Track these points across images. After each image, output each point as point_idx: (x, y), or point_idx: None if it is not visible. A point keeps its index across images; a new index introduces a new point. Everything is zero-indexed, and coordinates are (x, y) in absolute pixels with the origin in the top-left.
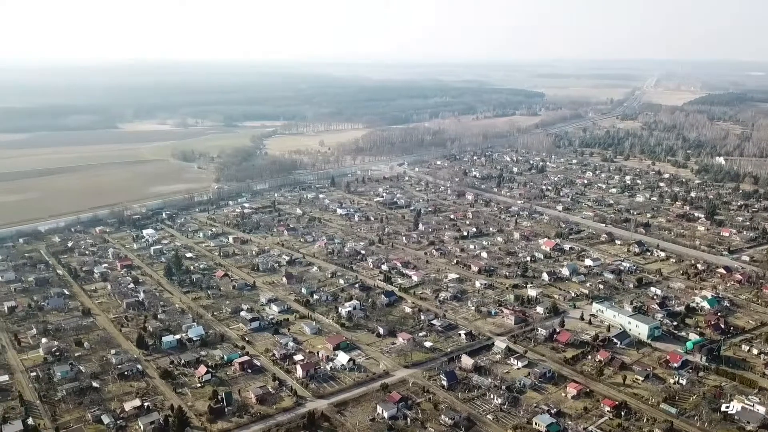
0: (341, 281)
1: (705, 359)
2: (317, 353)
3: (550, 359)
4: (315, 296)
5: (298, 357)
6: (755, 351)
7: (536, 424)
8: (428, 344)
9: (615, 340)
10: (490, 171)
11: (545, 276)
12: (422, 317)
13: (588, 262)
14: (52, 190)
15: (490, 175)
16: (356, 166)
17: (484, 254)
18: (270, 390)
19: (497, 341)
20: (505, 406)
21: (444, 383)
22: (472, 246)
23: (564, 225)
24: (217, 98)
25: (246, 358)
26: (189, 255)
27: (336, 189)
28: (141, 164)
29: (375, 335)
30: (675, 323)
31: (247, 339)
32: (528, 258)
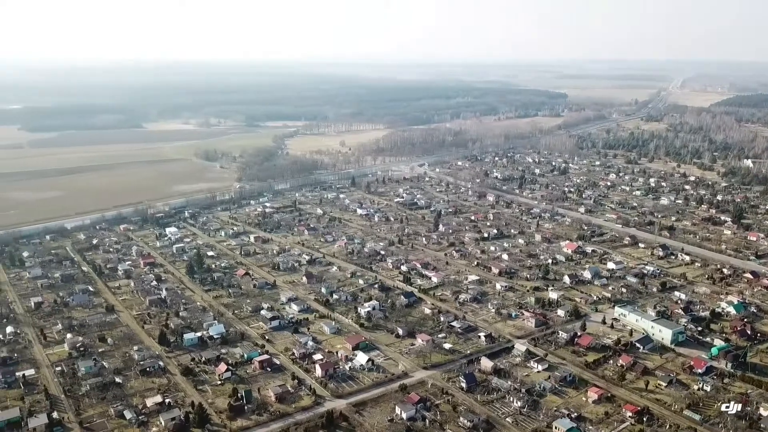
0: (361, 281)
1: (730, 366)
2: (336, 353)
3: (571, 363)
4: (334, 296)
5: (318, 356)
6: None
7: (556, 429)
8: (447, 346)
9: (637, 345)
10: (512, 172)
11: (567, 279)
12: (442, 319)
13: (610, 266)
14: (79, 188)
15: (512, 177)
16: (377, 167)
17: (505, 256)
18: (289, 389)
19: (517, 344)
20: (525, 410)
21: (463, 385)
22: (493, 248)
23: (586, 227)
24: (240, 98)
25: (266, 357)
26: (211, 253)
27: (356, 189)
28: (164, 163)
29: (394, 336)
30: (699, 328)
31: (267, 338)
32: (549, 260)
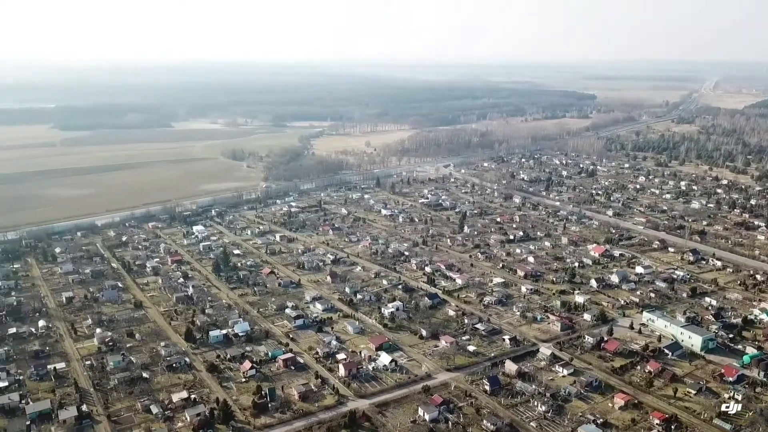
0: (384, 282)
1: (763, 374)
2: (360, 353)
3: (597, 368)
4: (358, 296)
5: (341, 356)
6: None
7: None
8: (471, 348)
9: (666, 351)
10: (539, 174)
11: (593, 282)
12: (466, 321)
13: (639, 270)
14: (109, 186)
15: (539, 178)
16: (401, 167)
17: (531, 259)
18: (312, 388)
19: (542, 347)
20: (549, 414)
21: (487, 388)
22: (519, 250)
23: (614, 230)
24: (267, 98)
25: (290, 355)
26: (237, 252)
27: (381, 190)
28: (192, 162)
29: (417, 337)
30: (731, 336)
31: (291, 336)
32: (576, 264)
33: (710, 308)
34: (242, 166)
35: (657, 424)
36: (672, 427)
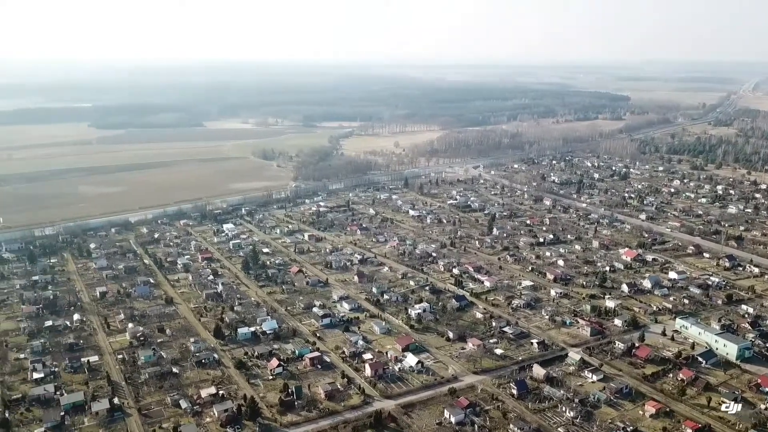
0: (411, 283)
1: None
2: (386, 353)
3: (628, 375)
4: (385, 296)
5: (367, 356)
6: None
7: None
8: (499, 351)
9: (700, 359)
10: (570, 176)
11: (625, 287)
12: (493, 323)
13: (672, 275)
14: (142, 184)
15: (570, 181)
16: (430, 168)
17: (561, 262)
18: (339, 387)
19: (571, 352)
20: (578, 420)
21: (514, 392)
22: (548, 253)
23: (647, 235)
24: (297, 98)
25: (316, 354)
26: (266, 250)
27: (409, 190)
28: (223, 161)
29: (444, 339)
30: None
31: (318, 335)
32: (607, 268)
33: (747, 316)
34: (272, 166)
35: None
36: None
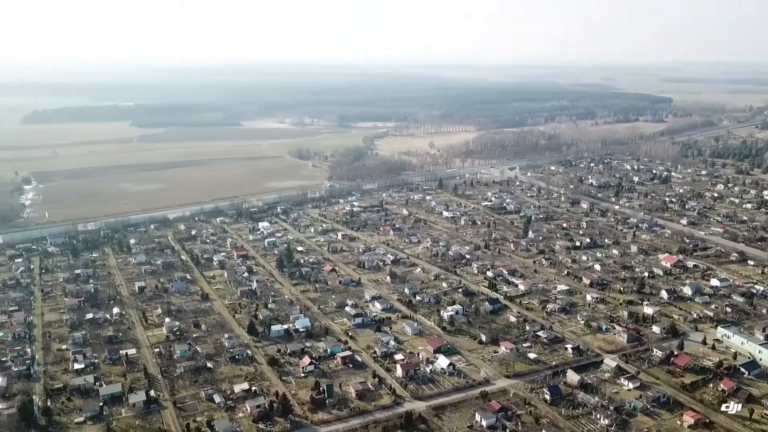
0: (444, 284)
1: None
2: (417, 354)
3: (665, 383)
4: (417, 297)
5: (399, 356)
6: None
7: None
8: (532, 356)
9: (742, 370)
10: (608, 179)
11: (664, 294)
12: (527, 327)
13: (714, 282)
14: (181, 182)
15: (608, 184)
16: (465, 169)
17: (598, 266)
18: (370, 386)
19: (607, 359)
20: (613, 428)
21: (547, 397)
22: (585, 257)
23: (688, 240)
24: (333, 99)
25: (348, 353)
26: (300, 249)
27: (443, 191)
28: (260, 160)
29: (477, 342)
30: None
31: (350, 334)
32: (645, 273)
33: None
34: (307, 165)
35: None
36: None
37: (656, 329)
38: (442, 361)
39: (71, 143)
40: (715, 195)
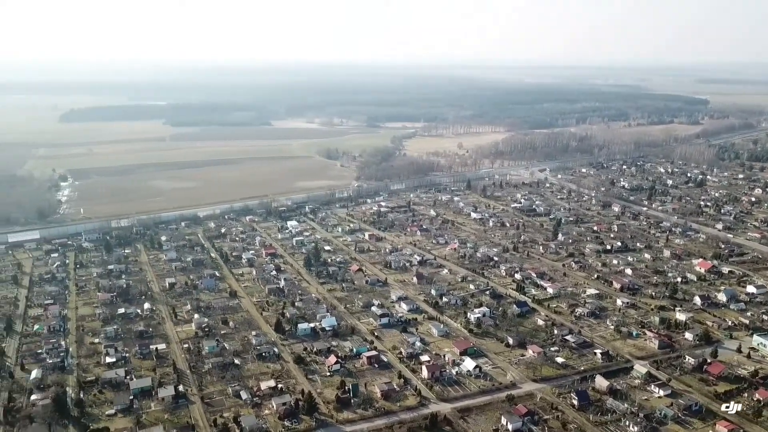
0: (471, 286)
1: None
2: (443, 356)
3: (698, 391)
4: (444, 299)
5: (425, 358)
6: None
7: None
8: (560, 360)
9: None
10: (641, 182)
11: (697, 300)
12: (555, 331)
13: (750, 289)
14: (211, 180)
15: (641, 187)
16: (494, 170)
17: (629, 271)
18: (395, 387)
19: (637, 365)
20: None
21: (575, 402)
22: (616, 261)
23: (723, 245)
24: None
25: (374, 353)
26: (327, 248)
27: (472, 192)
28: (289, 160)
29: (504, 345)
30: None
31: (376, 334)
32: (678, 279)
33: None
34: (336, 165)
35: None
36: None
37: (689, 336)
38: (468, 364)
39: (106, 141)
40: (753, 199)
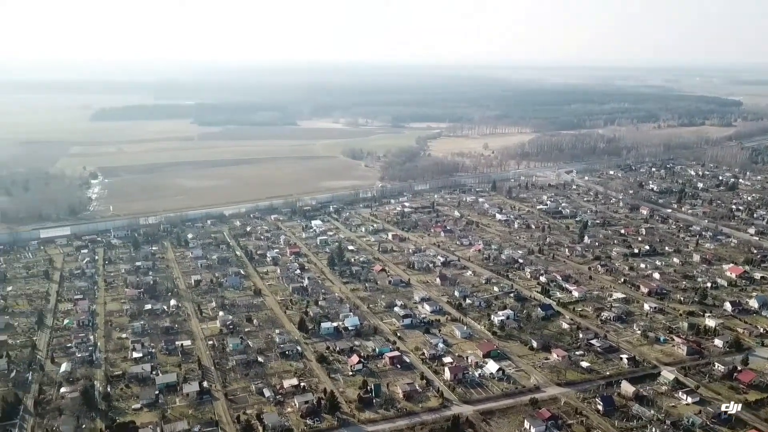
0: (495, 288)
1: None
2: (466, 358)
3: (727, 399)
4: (467, 300)
5: (447, 359)
6: None
7: None
8: (585, 364)
9: None
10: (670, 185)
11: (728, 306)
12: (580, 335)
13: None
14: (238, 179)
15: (670, 189)
16: (520, 171)
17: (657, 275)
18: (417, 388)
19: (664, 371)
20: None
21: (599, 408)
22: (643, 265)
23: (756, 251)
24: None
25: (396, 354)
26: (351, 248)
27: (497, 194)
28: (314, 159)
29: (528, 348)
30: None
31: (399, 335)
32: (708, 284)
33: None
34: (360, 165)
35: None
36: None
37: (718, 342)
38: (492, 366)
39: (135, 140)
40: None
